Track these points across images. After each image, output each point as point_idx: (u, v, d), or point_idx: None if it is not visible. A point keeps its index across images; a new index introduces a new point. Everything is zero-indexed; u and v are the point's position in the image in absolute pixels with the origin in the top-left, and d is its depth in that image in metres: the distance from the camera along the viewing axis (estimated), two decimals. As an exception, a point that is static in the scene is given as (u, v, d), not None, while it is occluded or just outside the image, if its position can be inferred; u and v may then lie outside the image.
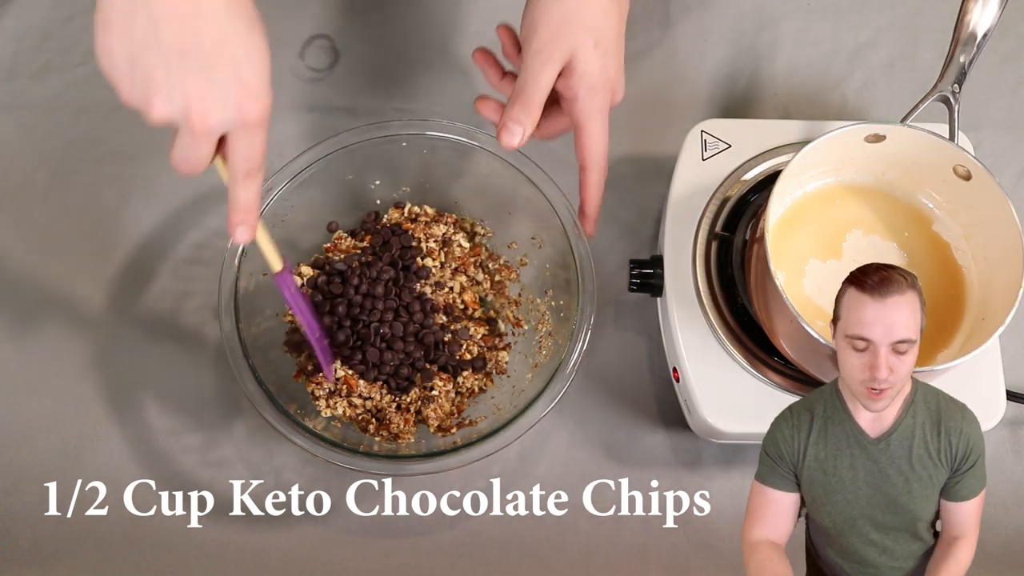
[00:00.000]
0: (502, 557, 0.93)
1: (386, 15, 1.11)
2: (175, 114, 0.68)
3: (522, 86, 0.84)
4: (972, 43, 0.90)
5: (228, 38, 0.67)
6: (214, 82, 0.67)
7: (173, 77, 0.67)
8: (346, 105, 1.07)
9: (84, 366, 0.98)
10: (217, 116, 0.68)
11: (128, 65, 0.67)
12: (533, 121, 0.85)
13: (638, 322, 1.00)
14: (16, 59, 1.08)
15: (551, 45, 0.83)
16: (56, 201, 1.03)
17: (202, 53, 0.66)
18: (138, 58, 0.66)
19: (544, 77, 0.83)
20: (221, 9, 0.67)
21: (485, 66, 0.91)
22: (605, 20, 0.84)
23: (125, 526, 0.93)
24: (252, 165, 0.72)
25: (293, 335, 0.95)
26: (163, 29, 0.65)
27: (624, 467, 0.97)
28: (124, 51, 0.66)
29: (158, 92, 0.67)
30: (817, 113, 1.09)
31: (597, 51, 0.83)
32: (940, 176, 0.89)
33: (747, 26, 1.12)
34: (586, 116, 0.85)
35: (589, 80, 0.84)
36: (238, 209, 0.75)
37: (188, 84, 0.67)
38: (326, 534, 0.94)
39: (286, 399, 0.88)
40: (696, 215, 0.92)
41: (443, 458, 0.86)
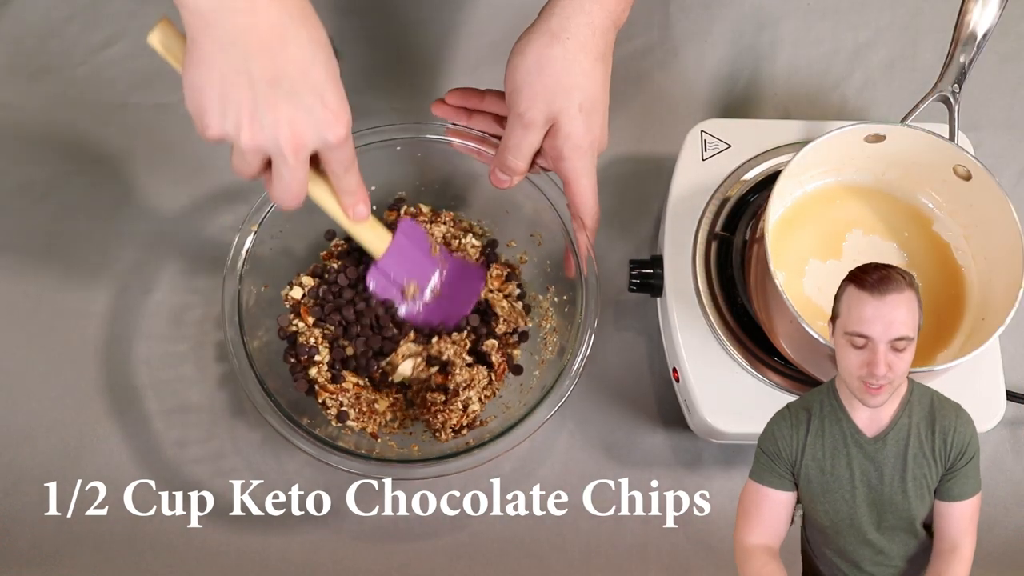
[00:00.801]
0: (502, 557, 0.93)
1: (386, 15, 1.11)
2: (267, 141, 0.73)
3: (507, 145, 0.88)
4: (972, 43, 0.90)
5: (311, 66, 0.72)
6: (302, 107, 0.72)
7: (264, 105, 0.71)
8: (346, 105, 1.07)
9: (84, 366, 0.98)
10: (309, 136, 0.74)
11: (218, 98, 0.71)
12: (522, 172, 0.90)
13: (638, 322, 1.00)
14: (16, 59, 1.08)
15: (534, 110, 0.84)
16: (56, 201, 1.03)
17: (290, 80, 0.71)
18: (229, 91, 0.71)
19: (528, 141, 0.87)
20: (305, 40, 0.72)
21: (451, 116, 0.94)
22: (588, 80, 0.84)
23: (125, 526, 0.93)
24: (347, 163, 0.80)
25: (290, 352, 0.94)
26: (254, 61, 0.70)
27: (624, 467, 0.96)
28: (215, 86, 0.71)
29: (252, 120, 0.72)
30: (817, 113, 1.09)
31: (582, 113, 0.84)
32: (940, 176, 0.89)
33: (747, 26, 1.12)
34: (574, 174, 0.87)
35: (574, 141, 0.85)
36: (348, 192, 0.83)
37: (280, 110, 0.72)
38: (326, 535, 0.94)
39: (294, 408, 0.88)
40: (696, 215, 0.92)
41: (456, 459, 0.86)
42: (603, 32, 0.84)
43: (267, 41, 0.70)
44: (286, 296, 0.94)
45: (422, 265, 0.93)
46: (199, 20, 0.69)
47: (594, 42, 0.83)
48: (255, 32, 0.69)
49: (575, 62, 0.83)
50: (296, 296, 0.94)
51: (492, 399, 0.94)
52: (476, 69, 1.08)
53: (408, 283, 0.91)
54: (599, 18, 0.83)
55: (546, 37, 0.83)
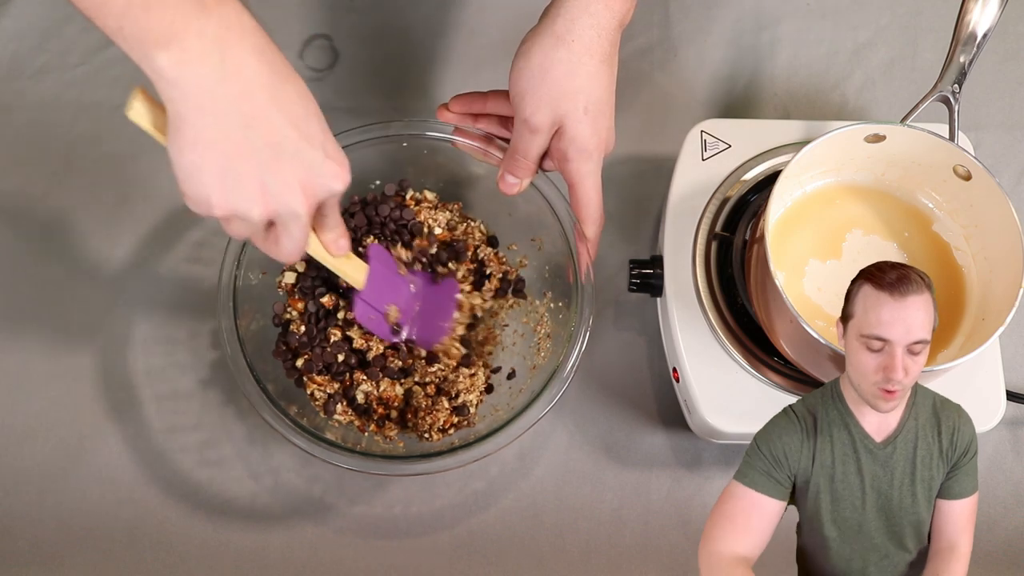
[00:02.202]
0: (502, 557, 0.93)
1: (386, 15, 1.11)
2: (280, 207, 0.70)
3: (515, 149, 0.88)
4: (972, 43, 0.90)
5: (307, 121, 0.70)
6: (307, 165, 0.70)
7: (271, 173, 0.69)
8: (346, 105, 1.07)
9: (84, 366, 0.98)
10: (320, 191, 0.72)
11: (222, 177, 0.67)
12: (530, 176, 0.90)
13: (638, 322, 1.00)
14: (16, 59, 1.08)
15: (540, 115, 0.84)
16: (56, 201, 1.03)
17: (291, 141, 0.68)
18: (233, 167, 0.67)
19: (535, 145, 0.87)
20: (294, 96, 0.69)
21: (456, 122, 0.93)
22: (594, 83, 0.84)
23: (125, 526, 0.93)
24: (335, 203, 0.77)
25: (281, 340, 0.94)
26: (253, 130, 0.67)
27: (624, 467, 0.97)
28: (216, 164, 0.67)
29: (263, 191, 0.69)
30: (817, 113, 1.09)
31: (587, 116, 0.84)
32: (940, 176, 0.89)
33: (747, 26, 1.12)
34: (579, 177, 0.87)
35: (580, 143, 0.85)
36: (332, 228, 0.80)
37: (287, 174, 0.69)
38: (325, 534, 0.94)
39: (284, 399, 0.88)
40: (696, 215, 0.92)
41: (440, 458, 0.86)
42: (608, 33, 0.83)
43: (261, 105, 0.66)
44: (279, 283, 0.94)
45: (397, 287, 0.92)
46: (186, 94, 0.64)
47: (599, 43, 0.83)
48: (249, 98, 0.66)
49: (580, 65, 0.83)
50: (290, 281, 0.93)
51: (483, 399, 0.94)
52: (476, 69, 1.08)
53: (389, 308, 0.90)
54: (604, 19, 0.83)
55: (551, 40, 0.83)
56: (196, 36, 0.63)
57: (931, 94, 0.91)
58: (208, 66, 0.64)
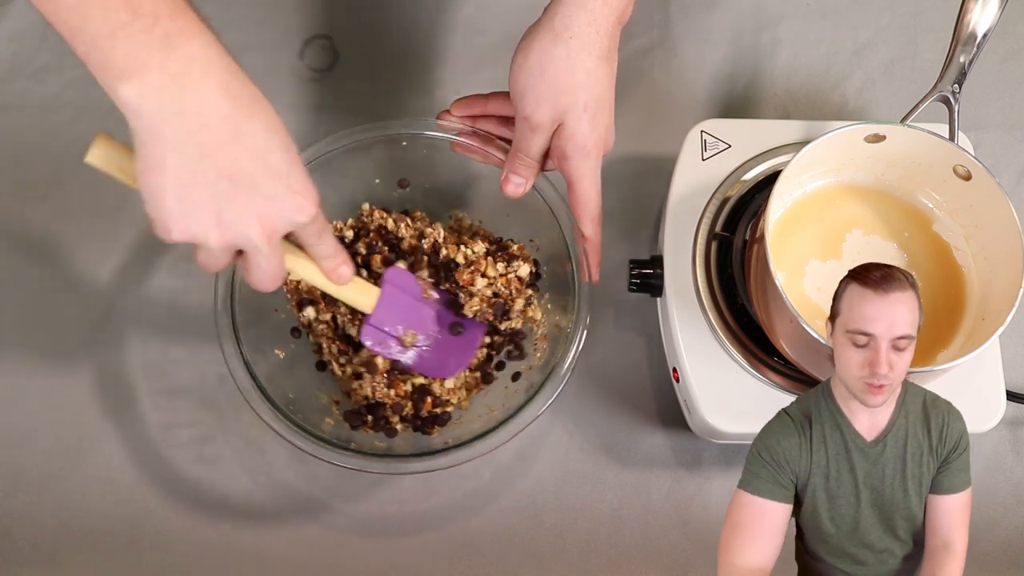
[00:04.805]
0: (502, 557, 0.93)
1: (386, 15, 1.11)
2: (237, 237, 0.70)
3: (518, 148, 0.88)
4: (972, 43, 0.90)
5: (268, 154, 0.69)
6: (264, 197, 0.70)
7: (226, 203, 0.68)
8: (346, 105, 1.07)
9: (83, 366, 0.98)
10: (279, 223, 0.72)
11: (178, 202, 0.68)
12: (534, 174, 0.90)
13: (638, 322, 1.00)
14: (16, 59, 1.08)
15: (540, 112, 0.84)
16: (56, 201, 1.03)
17: (247, 173, 0.68)
18: (187, 194, 0.67)
19: (537, 143, 0.86)
20: (259, 128, 0.68)
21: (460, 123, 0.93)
22: (592, 79, 0.84)
23: (125, 526, 0.93)
24: (319, 233, 0.77)
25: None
26: (208, 160, 0.67)
27: (624, 467, 0.97)
28: (171, 190, 0.67)
29: (218, 221, 0.69)
30: (817, 113, 1.09)
31: (587, 113, 0.84)
32: (940, 176, 0.89)
33: (747, 26, 1.12)
34: (578, 174, 0.87)
35: (579, 141, 0.85)
36: (327, 257, 0.80)
37: (242, 205, 0.69)
38: (324, 534, 0.94)
39: (280, 396, 0.88)
40: (696, 215, 0.92)
41: (433, 458, 0.86)
42: (606, 29, 0.83)
43: (219, 137, 0.67)
44: None
45: (417, 311, 0.90)
46: (146, 123, 0.65)
47: (598, 40, 0.83)
48: (207, 131, 0.66)
49: (578, 61, 0.83)
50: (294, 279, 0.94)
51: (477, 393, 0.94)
52: (476, 68, 1.08)
53: (405, 332, 0.89)
54: (602, 15, 0.82)
55: (549, 36, 0.83)
56: (158, 70, 0.64)
57: (931, 94, 0.91)
58: (167, 99, 0.65)
